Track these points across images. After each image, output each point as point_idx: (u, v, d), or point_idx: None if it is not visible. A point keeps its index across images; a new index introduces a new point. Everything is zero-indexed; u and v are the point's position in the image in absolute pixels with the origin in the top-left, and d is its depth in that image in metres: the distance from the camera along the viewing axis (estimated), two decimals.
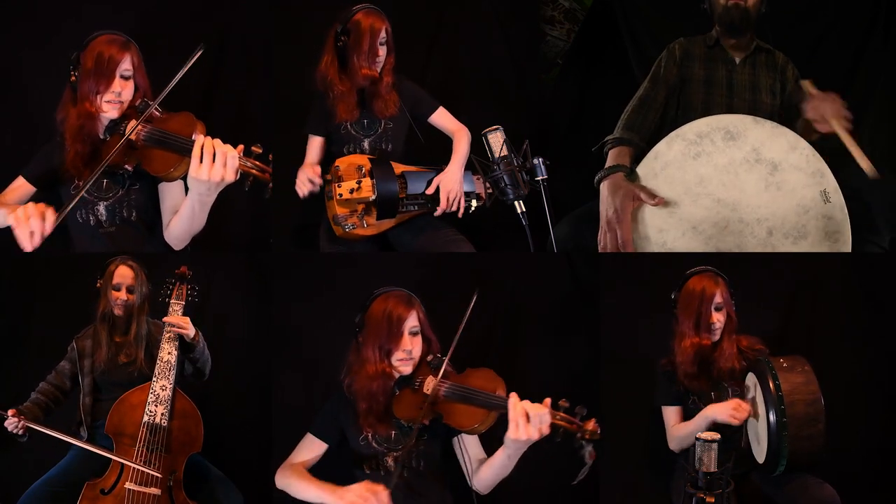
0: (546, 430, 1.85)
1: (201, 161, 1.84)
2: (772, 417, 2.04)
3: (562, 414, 1.88)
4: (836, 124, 2.25)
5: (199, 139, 1.86)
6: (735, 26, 2.49)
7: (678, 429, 2.29)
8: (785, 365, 2.09)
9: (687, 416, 2.30)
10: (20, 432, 2.10)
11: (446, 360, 2.00)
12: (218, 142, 1.86)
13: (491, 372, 2.01)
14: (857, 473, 2.44)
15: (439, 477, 2.08)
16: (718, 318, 2.25)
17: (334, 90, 2.47)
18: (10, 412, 2.09)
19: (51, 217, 1.88)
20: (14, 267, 2.53)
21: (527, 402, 1.86)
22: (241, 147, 1.89)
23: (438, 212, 2.46)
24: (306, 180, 2.43)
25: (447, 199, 2.43)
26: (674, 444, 2.32)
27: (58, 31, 2.58)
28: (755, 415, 2.17)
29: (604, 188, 2.31)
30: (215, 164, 1.84)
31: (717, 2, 2.51)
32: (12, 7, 2.61)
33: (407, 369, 2.02)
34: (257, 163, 1.90)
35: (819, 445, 2.04)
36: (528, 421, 1.83)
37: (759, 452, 2.15)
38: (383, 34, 2.44)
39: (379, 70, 2.46)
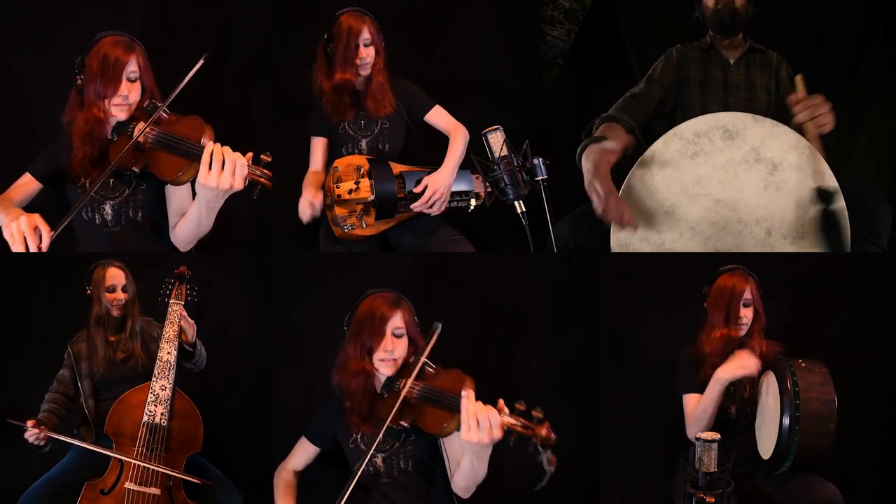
0: (498, 434, 1.78)
1: (210, 168, 1.84)
2: (786, 411, 2.05)
3: (515, 417, 1.82)
4: (808, 127, 2.23)
5: (209, 146, 1.86)
6: (726, 24, 2.52)
7: (697, 406, 2.25)
8: (804, 365, 2.13)
9: None
10: (42, 443, 2.07)
11: (421, 359, 1.97)
12: (227, 149, 1.86)
13: (458, 372, 1.97)
14: (858, 473, 2.44)
15: (428, 476, 2.07)
16: (746, 314, 2.28)
17: (326, 94, 2.50)
18: (29, 423, 2.06)
19: (46, 236, 1.90)
20: (14, 266, 2.53)
21: (479, 405, 1.80)
22: (249, 155, 1.89)
23: (415, 206, 2.44)
24: (307, 206, 2.45)
25: (429, 196, 2.42)
26: (693, 427, 2.26)
27: (59, 32, 2.59)
28: (766, 400, 2.18)
29: (582, 163, 2.27)
30: (224, 171, 1.84)
31: (707, 5, 2.55)
32: (14, 8, 2.61)
33: (389, 371, 2.00)
34: (266, 171, 1.90)
35: (827, 446, 2.05)
36: (479, 424, 1.78)
37: (766, 448, 2.16)
38: (366, 35, 2.44)
39: (365, 73, 2.48)
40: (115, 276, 2.25)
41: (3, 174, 2.19)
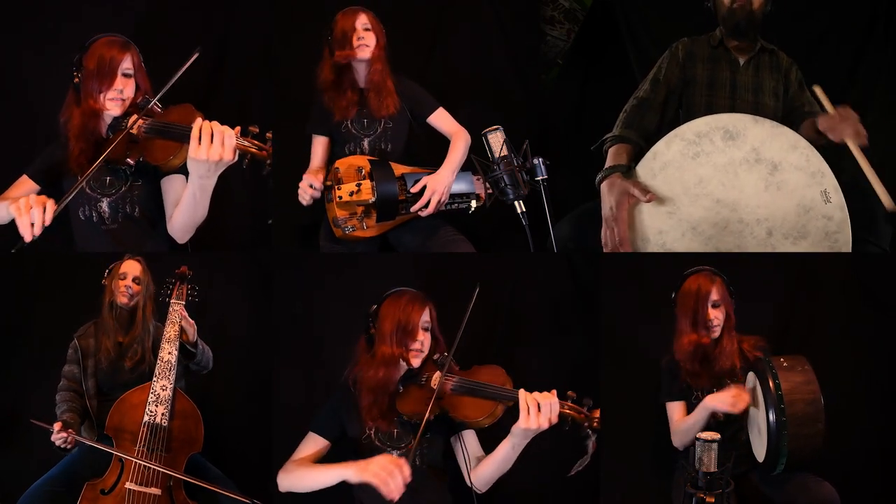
0: (555, 419, 1.91)
1: (200, 142, 1.87)
2: (771, 416, 2.05)
3: (570, 404, 1.95)
4: (852, 145, 2.22)
5: (198, 122, 1.89)
6: (740, 28, 2.46)
7: (680, 423, 2.30)
8: (785, 364, 2.11)
9: (691, 411, 2.30)
10: (69, 446, 2.07)
11: (450, 354, 2.03)
12: (215, 123, 1.89)
13: (500, 368, 2.06)
14: (856, 472, 2.44)
15: (440, 475, 2.09)
16: (716, 315, 2.27)
17: (330, 89, 2.51)
18: (56, 426, 2.05)
19: (51, 208, 1.91)
20: (15, 265, 2.53)
21: (536, 393, 1.92)
22: (238, 128, 1.92)
23: (415, 208, 2.45)
24: (307, 186, 2.45)
25: (427, 197, 2.42)
26: (676, 439, 2.32)
27: (59, 33, 2.59)
28: (755, 404, 2.18)
29: (603, 187, 2.32)
30: (213, 143, 1.88)
31: (722, 2, 2.48)
32: (14, 9, 2.61)
33: (416, 362, 2.04)
34: (255, 141, 1.93)
35: (818, 444, 2.05)
36: (539, 410, 1.89)
37: (760, 451, 2.16)
38: (364, 20, 2.48)
39: (364, 55, 2.47)
40: (131, 266, 2.26)
41: (3, 174, 2.20)
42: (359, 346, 2.09)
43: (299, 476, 2.03)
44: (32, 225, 1.89)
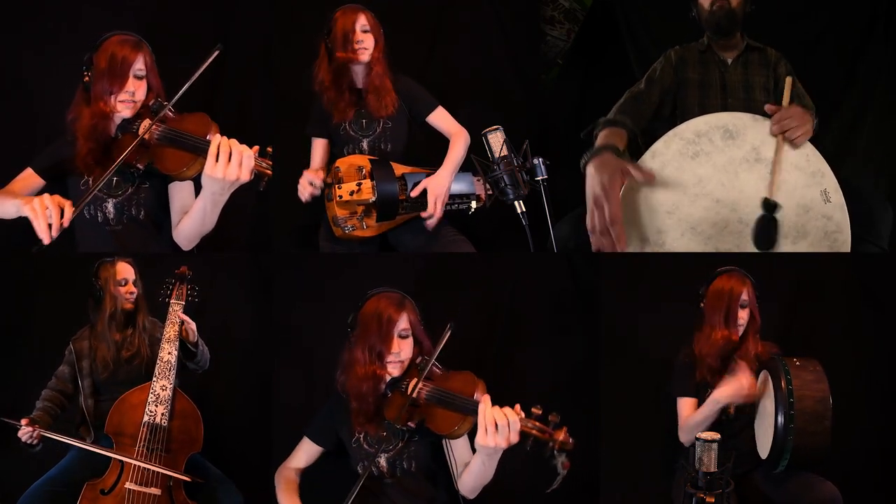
0: (515, 438, 1.81)
1: (217, 160, 1.86)
2: (780, 410, 2.06)
3: (533, 422, 1.84)
4: (778, 139, 2.20)
5: (216, 138, 1.88)
6: (721, 26, 2.52)
7: (690, 419, 2.28)
8: (798, 364, 2.13)
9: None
10: (35, 442, 2.07)
11: (431, 361, 1.98)
12: (234, 142, 1.88)
13: (470, 375, 1.98)
14: (856, 472, 2.44)
15: (431, 477, 2.08)
16: (742, 316, 2.28)
17: (328, 90, 2.49)
18: (23, 421, 2.06)
19: (68, 210, 1.90)
20: (15, 265, 2.53)
21: (496, 409, 1.82)
22: (256, 148, 1.91)
23: (425, 214, 2.45)
24: (307, 183, 2.44)
25: (433, 202, 2.42)
26: (685, 434, 2.29)
27: (59, 33, 2.59)
28: (761, 401, 2.19)
29: (590, 168, 2.18)
30: (231, 163, 1.86)
31: (703, 7, 2.55)
32: (14, 9, 2.61)
33: (395, 371, 2.01)
34: (269, 162, 1.91)
35: (824, 443, 2.05)
36: (497, 429, 1.80)
37: (764, 448, 2.16)
38: (363, 21, 2.46)
39: (364, 58, 2.46)
40: (126, 270, 2.26)
41: (3, 174, 2.19)
42: (344, 352, 2.07)
43: (277, 487, 2.12)
44: (49, 226, 1.88)
